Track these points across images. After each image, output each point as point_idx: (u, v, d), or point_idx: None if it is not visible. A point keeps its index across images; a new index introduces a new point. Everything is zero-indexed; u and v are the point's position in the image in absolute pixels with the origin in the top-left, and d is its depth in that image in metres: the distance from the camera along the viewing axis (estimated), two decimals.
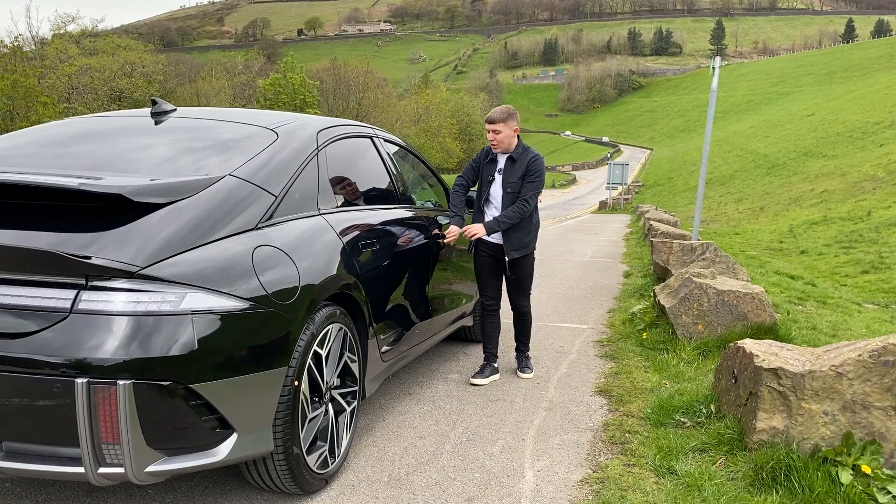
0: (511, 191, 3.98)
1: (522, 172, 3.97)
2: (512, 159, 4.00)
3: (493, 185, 4.07)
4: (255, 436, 2.27)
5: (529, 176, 3.98)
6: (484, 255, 4.14)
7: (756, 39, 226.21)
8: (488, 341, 4.24)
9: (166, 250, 2.10)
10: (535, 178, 4.00)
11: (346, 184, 3.25)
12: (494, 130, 3.95)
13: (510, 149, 4.02)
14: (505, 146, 3.99)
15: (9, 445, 2.01)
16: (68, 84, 36.94)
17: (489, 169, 4.10)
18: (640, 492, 2.67)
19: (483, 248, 4.12)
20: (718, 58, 10.02)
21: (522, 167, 3.97)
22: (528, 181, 3.97)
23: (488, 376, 4.14)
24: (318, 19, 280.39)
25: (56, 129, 3.00)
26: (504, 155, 4.03)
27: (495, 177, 4.07)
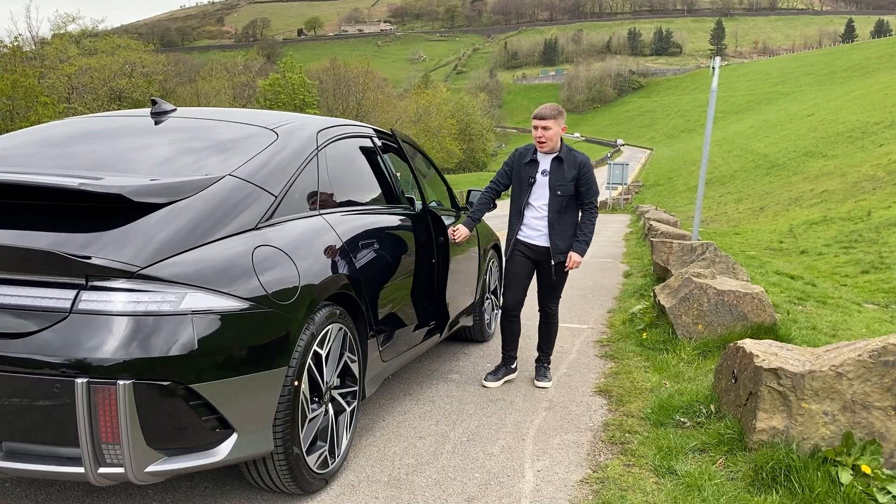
0: (561, 193, 3.84)
1: (574, 175, 3.84)
2: (559, 159, 3.86)
3: (534, 187, 3.91)
4: (255, 436, 2.27)
5: (587, 181, 3.88)
6: (520, 257, 3.99)
7: (756, 39, 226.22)
8: (509, 344, 4.15)
9: (166, 250, 2.10)
10: (594, 183, 3.93)
11: (346, 184, 3.25)
12: (545, 127, 3.79)
13: (555, 148, 3.88)
14: (552, 145, 3.84)
15: (9, 445, 2.01)
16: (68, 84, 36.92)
17: (528, 171, 3.92)
18: (640, 492, 2.68)
19: (522, 249, 3.99)
20: (718, 58, 10.02)
21: (573, 169, 3.85)
22: (587, 187, 3.88)
23: (501, 378, 4.06)
24: (318, 19, 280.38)
25: (56, 129, 3.00)
26: (549, 155, 3.89)
27: (537, 178, 3.91)
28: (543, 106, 3.89)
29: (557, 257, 3.90)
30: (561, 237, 3.89)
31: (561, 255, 3.90)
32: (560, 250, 3.89)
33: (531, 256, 3.97)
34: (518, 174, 3.96)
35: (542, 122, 3.81)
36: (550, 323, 4.22)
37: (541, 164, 3.91)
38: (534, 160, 3.92)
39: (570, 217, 3.93)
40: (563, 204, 3.86)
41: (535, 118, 3.85)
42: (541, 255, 3.95)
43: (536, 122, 3.83)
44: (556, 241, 3.88)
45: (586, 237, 3.92)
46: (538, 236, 3.93)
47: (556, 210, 3.86)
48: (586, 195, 3.92)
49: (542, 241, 3.93)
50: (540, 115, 3.84)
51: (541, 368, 4.22)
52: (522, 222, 3.95)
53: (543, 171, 3.89)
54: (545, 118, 3.81)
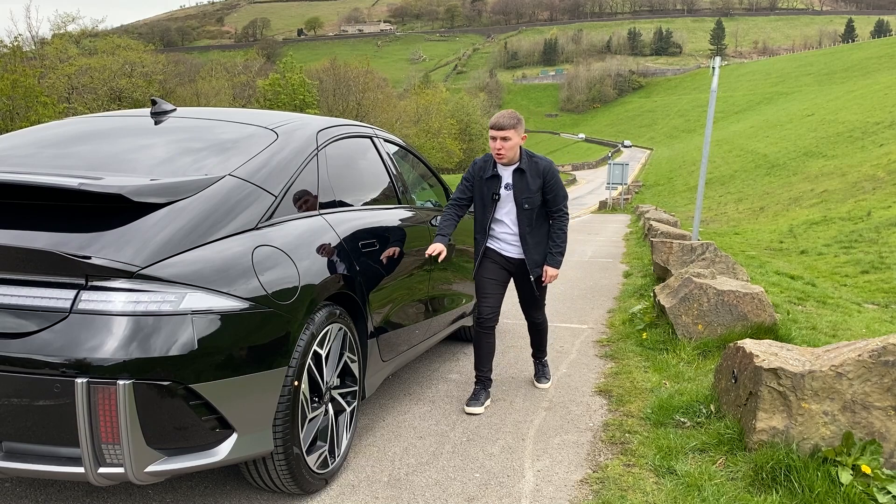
0: (529, 206, 3.57)
1: (539, 184, 3.57)
2: (521, 171, 3.57)
3: (499, 203, 3.64)
4: (255, 436, 2.26)
5: (553, 188, 3.61)
6: (493, 264, 3.71)
7: (756, 39, 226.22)
8: (483, 363, 3.73)
9: (166, 250, 2.10)
10: (560, 188, 3.66)
11: (346, 184, 3.25)
12: (504, 138, 3.47)
13: (514, 159, 3.58)
14: (511, 156, 3.54)
15: (9, 445, 2.01)
16: (68, 84, 36.92)
17: (491, 186, 3.62)
18: (639, 492, 2.67)
19: (494, 257, 3.71)
20: (718, 58, 10.02)
21: (537, 178, 3.57)
22: (554, 193, 3.62)
23: (484, 402, 3.68)
24: (318, 19, 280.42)
25: (56, 129, 3.00)
26: (508, 167, 3.60)
27: (501, 194, 3.62)
28: (500, 114, 3.53)
29: (535, 272, 3.67)
30: (536, 250, 3.65)
31: (538, 268, 3.68)
32: (537, 264, 3.67)
33: (506, 267, 3.72)
34: (480, 191, 3.66)
35: (500, 133, 3.48)
36: (540, 330, 4.06)
37: (503, 178, 3.62)
38: (495, 175, 3.61)
39: (542, 227, 3.69)
40: (534, 216, 3.61)
41: (492, 128, 3.51)
42: (515, 266, 3.72)
43: (494, 132, 3.49)
44: (532, 256, 3.65)
45: (559, 248, 3.68)
46: (511, 248, 3.69)
47: (527, 224, 3.60)
48: (553, 202, 3.65)
49: (516, 252, 3.69)
50: (498, 125, 3.48)
51: (538, 367, 4.13)
52: (491, 236, 3.69)
53: (507, 186, 3.61)
54: (504, 128, 3.47)
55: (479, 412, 3.60)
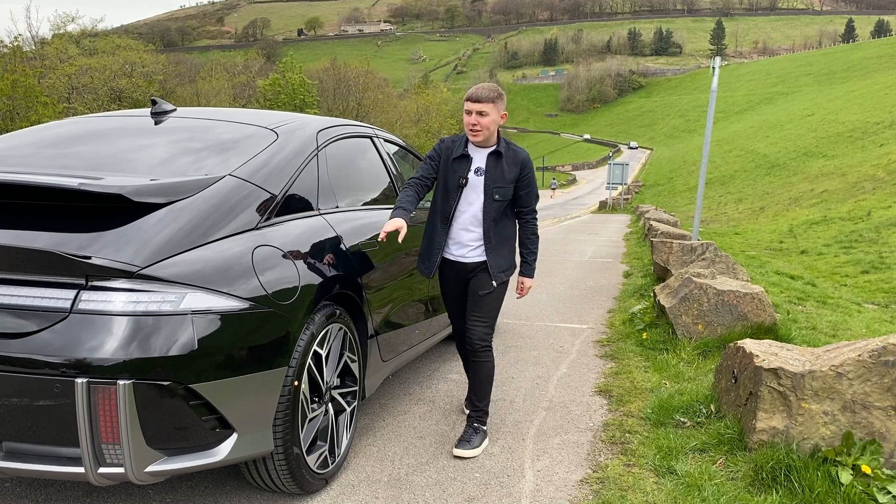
0: (500, 198, 3.04)
1: (515, 175, 3.06)
2: (497, 155, 3.06)
3: (465, 190, 3.06)
4: (255, 436, 2.27)
5: (528, 183, 3.12)
6: (453, 283, 3.20)
7: (756, 39, 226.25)
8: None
9: (166, 250, 2.11)
10: (535, 185, 3.20)
11: (346, 183, 3.25)
12: (481, 112, 2.96)
13: (490, 141, 3.06)
14: (487, 135, 3.01)
15: (9, 445, 2.01)
16: (68, 84, 36.90)
17: (459, 168, 3.05)
18: (640, 492, 2.68)
19: (448, 270, 3.18)
20: (718, 58, 10.02)
21: (514, 167, 3.06)
22: (529, 189, 3.13)
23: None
24: (318, 19, 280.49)
25: (56, 129, 3.00)
26: (484, 149, 3.08)
27: (470, 179, 3.05)
28: (479, 86, 3.03)
29: (498, 277, 3.08)
30: (499, 252, 3.11)
31: (502, 273, 3.11)
32: (500, 268, 3.10)
33: (461, 276, 3.16)
34: (445, 172, 3.09)
35: (477, 106, 2.97)
36: (481, 363, 3.15)
37: (474, 161, 3.07)
38: (465, 155, 3.07)
39: (506, 228, 3.15)
40: (501, 211, 3.08)
41: (468, 100, 3.00)
42: (472, 271, 3.13)
43: (470, 104, 2.98)
44: (494, 258, 3.08)
45: (534, 255, 3.22)
46: (470, 252, 3.11)
47: (493, 219, 3.06)
48: (526, 200, 3.14)
49: (474, 257, 3.11)
50: (475, 97, 2.98)
51: (468, 429, 3.17)
52: (449, 236, 3.12)
53: (478, 170, 3.06)
54: (482, 100, 2.96)
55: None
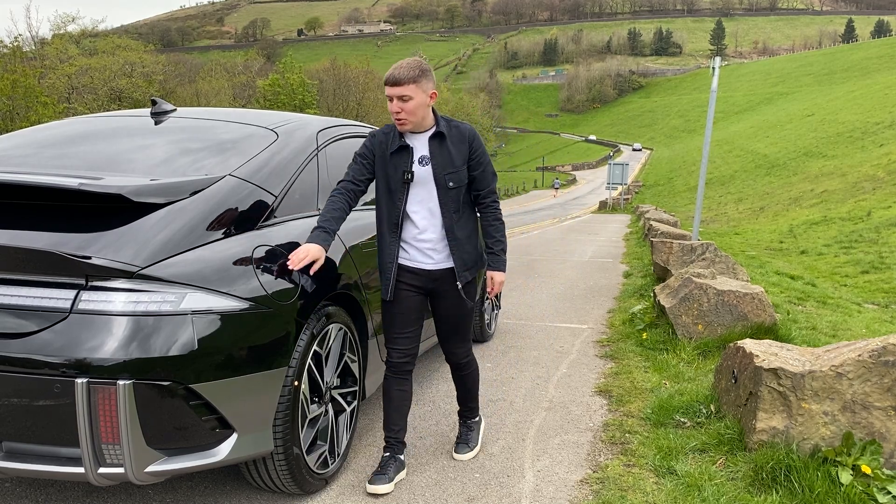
0: (455, 184, 2.64)
1: (465, 154, 2.65)
2: (441, 136, 2.64)
3: (412, 186, 2.65)
4: (255, 436, 2.27)
5: (479, 160, 2.69)
6: (407, 292, 2.73)
7: (756, 39, 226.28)
8: (395, 418, 2.80)
9: (166, 250, 2.11)
10: (489, 161, 2.76)
11: None
12: (402, 97, 2.53)
13: (425, 124, 2.64)
14: (416, 121, 2.59)
15: (9, 445, 2.01)
16: (68, 84, 36.92)
17: (399, 163, 2.64)
18: (639, 492, 2.67)
19: (410, 280, 2.72)
20: (718, 58, 10.01)
21: (462, 145, 2.65)
22: (482, 168, 2.71)
23: (394, 478, 2.72)
24: (318, 19, 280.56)
25: (56, 130, 3.00)
26: (422, 134, 2.66)
27: (415, 172, 2.63)
28: (396, 65, 2.57)
29: (464, 276, 2.71)
30: (465, 249, 2.70)
31: (468, 272, 2.73)
32: (466, 266, 2.71)
33: (422, 286, 2.74)
34: (384, 170, 2.67)
35: (397, 90, 2.53)
36: (464, 375, 2.98)
37: (416, 150, 2.65)
38: (404, 146, 2.64)
39: (469, 217, 2.75)
40: (460, 199, 2.68)
41: (386, 84, 2.56)
42: (435, 281, 2.74)
43: (389, 90, 2.55)
44: (460, 256, 2.69)
45: (501, 244, 2.77)
46: (432, 258, 2.71)
47: (454, 210, 2.66)
48: (482, 181, 2.72)
49: (439, 262, 2.71)
50: (392, 79, 2.52)
51: (462, 428, 3.10)
52: (402, 241, 2.71)
53: (422, 159, 2.64)
54: (400, 82, 2.51)
55: (387, 491, 2.66)
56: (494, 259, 2.77)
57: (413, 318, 2.76)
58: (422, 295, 2.77)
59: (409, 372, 2.81)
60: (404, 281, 2.72)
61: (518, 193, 53.97)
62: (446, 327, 2.84)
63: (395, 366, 2.78)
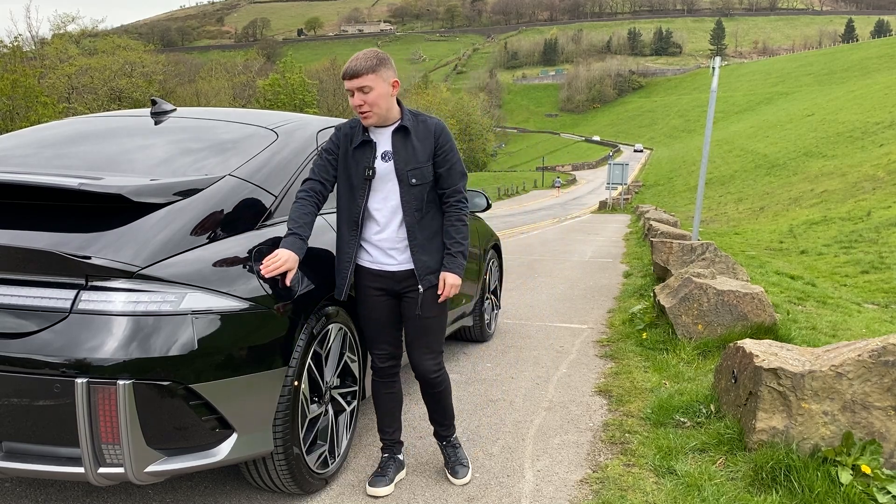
0: (418, 181, 2.54)
1: (431, 149, 2.56)
2: (404, 130, 2.56)
3: (374, 182, 2.55)
4: (255, 436, 2.27)
5: (446, 156, 2.59)
6: (375, 295, 2.64)
7: (756, 39, 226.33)
8: (387, 421, 2.80)
9: (166, 250, 2.11)
10: (457, 158, 2.64)
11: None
12: (361, 88, 2.44)
13: (391, 117, 2.55)
14: (381, 113, 2.51)
15: (9, 445, 2.01)
16: (68, 84, 36.94)
17: (361, 158, 2.55)
18: (639, 492, 2.68)
19: (373, 282, 2.64)
20: (718, 58, 10.02)
21: (427, 141, 2.56)
22: (449, 165, 2.59)
23: (394, 479, 2.74)
24: (317, 19, 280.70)
25: (56, 130, 3.00)
26: (386, 128, 2.57)
27: (377, 168, 2.54)
28: (354, 57, 2.49)
29: (427, 280, 2.59)
30: (427, 250, 2.60)
31: (431, 275, 2.60)
32: (430, 269, 2.60)
33: (388, 288, 2.64)
34: (346, 165, 2.59)
35: (356, 82, 2.44)
36: (435, 392, 2.78)
37: (379, 145, 2.57)
38: (367, 141, 2.56)
39: (434, 217, 2.63)
40: (424, 197, 2.58)
41: (343, 78, 2.49)
42: (401, 282, 2.63)
43: (348, 83, 2.47)
44: (420, 257, 2.58)
45: (460, 246, 2.60)
46: (394, 258, 2.61)
47: (416, 209, 2.56)
48: (448, 179, 2.60)
49: (402, 262, 2.61)
50: (350, 72, 2.44)
51: (447, 449, 2.89)
52: (362, 239, 2.62)
53: (384, 155, 2.56)
54: (359, 74, 2.43)
55: (387, 493, 2.67)
56: (450, 260, 2.60)
57: (387, 321, 2.69)
58: (390, 297, 2.67)
59: (395, 374, 2.78)
60: (369, 284, 2.65)
61: (518, 193, 54.01)
62: (412, 334, 2.69)
63: (379, 370, 2.76)
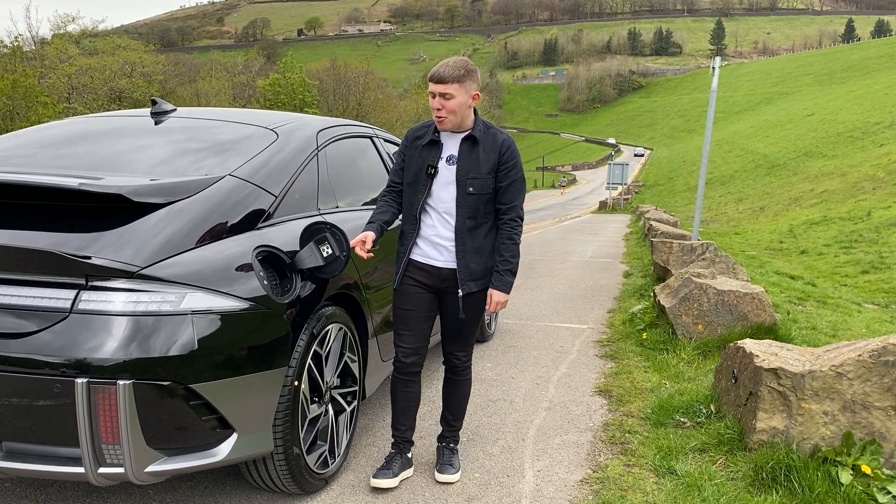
0: (475, 190, 2.61)
1: (493, 163, 2.62)
2: (473, 140, 2.63)
3: (435, 181, 2.66)
4: (255, 436, 2.27)
5: (509, 173, 2.64)
6: (416, 288, 2.72)
7: (756, 39, 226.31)
8: (401, 419, 2.82)
9: (166, 250, 2.11)
10: (519, 177, 2.69)
11: (346, 184, 3.25)
12: (444, 94, 2.55)
13: (464, 125, 2.64)
14: (456, 121, 2.60)
15: (9, 445, 2.01)
16: (68, 84, 36.92)
17: (427, 156, 2.66)
18: (640, 492, 2.68)
19: (417, 276, 2.72)
20: (718, 58, 10.01)
21: (492, 154, 2.63)
22: (510, 181, 2.65)
23: (398, 473, 2.76)
24: (318, 19, 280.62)
25: (56, 130, 3.00)
26: (457, 134, 2.66)
27: (440, 168, 2.65)
28: (443, 62, 2.60)
29: (467, 286, 2.66)
30: (474, 257, 2.66)
31: (472, 282, 2.67)
32: (472, 276, 2.66)
33: (431, 284, 2.72)
34: (413, 162, 2.70)
35: (440, 87, 2.55)
36: (459, 381, 2.91)
37: (445, 148, 2.66)
38: (435, 141, 2.67)
39: (487, 230, 2.69)
40: (480, 208, 2.64)
41: (430, 81, 2.58)
42: (445, 281, 2.71)
43: (433, 86, 2.57)
44: (466, 262, 2.65)
45: (510, 264, 2.66)
46: (442, 255, 2.69)
47: (469, 215, 2.63)
48: (507, 196, 2.66)
49: (448, 261, 2.69)
50: (437, 77, 2.55)
51: (445, 451, 2.93)
52: (418, 235, 2.70)
53: (450, 158, 2.65)
54: (445, 80, 2.53)
55: (390, 485, 2.70)
56: (498, 278, 2.68)
57: (420, 316, 2.73)
58: (430, 293, 2.74)
59: (416, 373, 2.77)
60: (413, 277, 2.72)
61: None
62: (450, 330, 2.82)
63: (401, 365, 2.75)
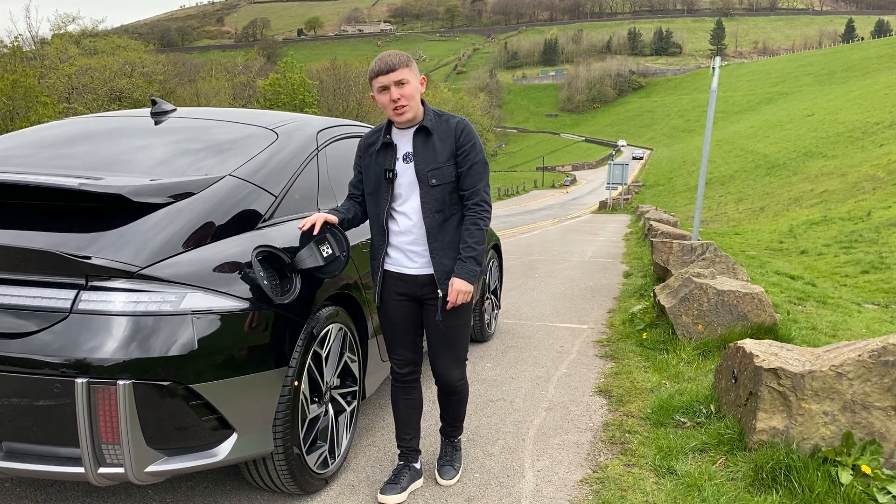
0: (439, 181, 2.47)
1: (451, 149, 2.48)
2: (425, 131, 2.49)
3: (395, 185, 2.52)
4: (255, 436, 2.27)
5: (468, 155, 2.49)
6: (397, 299, 2.60)
7: (756, 39, 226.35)
8: (405, 428, 2.74)
9: (166, 250, 2.11)
10: (480, 159, 2.52)
11: (346, 184, 3.25)
12: (399, 81, 2.40)
13: (416, 117, 2.50)
14: (415, 107, 2.46)
15: (9, 445, 2.01)
16: (68, 84, 36.94)
17: (382, 161, 2.53)
18: (639, 492, 2.68)
19: (396, 286, 2.60)
20: (718, 58, 10.01)
21: (448, 140, 2.48)
22: (469, 164, 2.49)
23: (406, 487, 2.67)
24: (318, 19, 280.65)
25: (56, 130, 3.00)
26: (407, 130, 2.52)
27: (398, 169, 2.51)
28: (382, 55, 2.45)
29: (446, 285, 2.51)
30: (448, 252, 2.52)
31: (448, 281, 2.52)
32: (449, 273, 2.51)
33: (410, 293, 2.60)
34: (370, 171, 2.57)
35: (393, 76, 2.39)
36: (454, 399, 2.76)
37: (399, 147, 2.53)
38: (387, 143, 2.53)
39: (456, 220, 2.55)
40: (446, 199, 2.50)
41: (378, 75, 2.41)
42: (423, 287, 2.58)
43: (383, 79, 2.40)
44: (441, 260, 2.51)
45: (474, 251, 2.48)
46: (414, 261, 2.56)
47: (437, 209, 2.49)
48: (468, 180, 2.50)
49: (422, 266, 2.56)
50: (386, 67, 2.39)
51: (447, 447, 2.88)
52: (388, 244, 2.58)
53: (406, 156, 2.51)
54: (395, 67, 2.39)
55: (399, 501, 2.60)
56: (460, 265, 2.48)
57: (406, 327, 2.64)
58: (411, 302, 2.62)
59: (414, 381, 2.72)
60: (391, 288, 2.61)
61: (518, 193, 54.01)
62: (436, 342, 2.63)
63: (398, 375, 2.70)
